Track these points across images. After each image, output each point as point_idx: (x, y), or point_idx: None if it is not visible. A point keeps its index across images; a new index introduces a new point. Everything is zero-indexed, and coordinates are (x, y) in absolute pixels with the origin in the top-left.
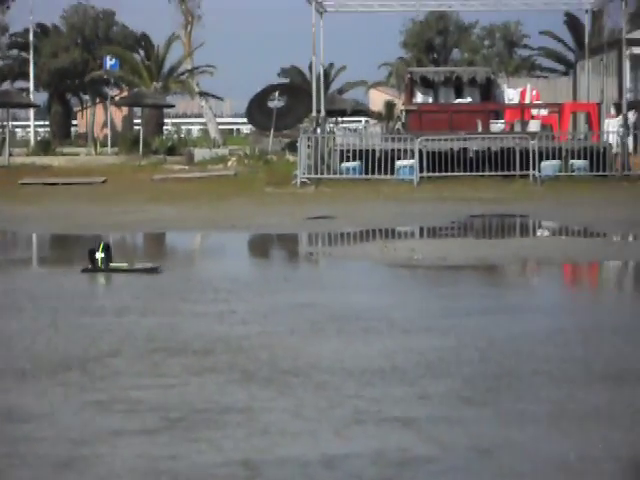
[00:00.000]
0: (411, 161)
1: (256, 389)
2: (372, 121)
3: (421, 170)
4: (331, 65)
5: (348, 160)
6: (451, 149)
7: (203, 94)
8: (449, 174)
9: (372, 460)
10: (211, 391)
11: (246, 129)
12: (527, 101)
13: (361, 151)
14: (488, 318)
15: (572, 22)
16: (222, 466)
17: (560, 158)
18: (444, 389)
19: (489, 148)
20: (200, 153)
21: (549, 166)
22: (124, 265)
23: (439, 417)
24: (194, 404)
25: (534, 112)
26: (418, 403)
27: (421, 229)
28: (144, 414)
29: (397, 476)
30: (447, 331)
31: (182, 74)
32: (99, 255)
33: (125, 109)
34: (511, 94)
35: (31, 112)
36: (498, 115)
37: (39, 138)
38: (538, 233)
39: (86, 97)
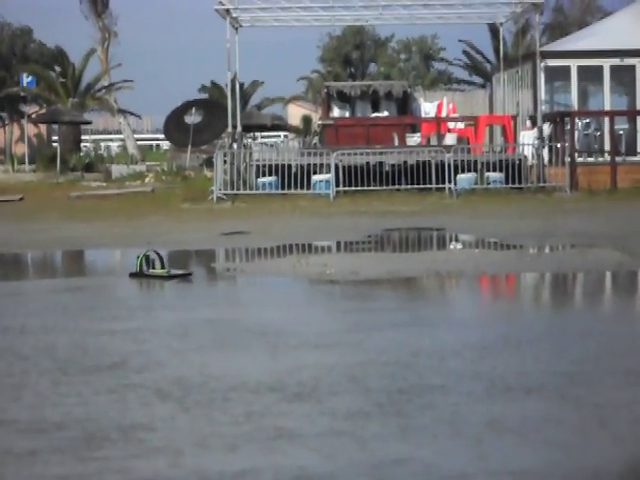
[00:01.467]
0: (327, 175)
1: (159, 407)
2: (291, 135)
3: (337, 184)
4: (253, 83)
5: (264, 175)
6: (367, 163)
7: (121, 111)
8: (365, 188)
9: (269, 477)
10: (114, 409)
11: (166, 145)
12: (443, 114)
13: (277, 166)
14: (397, 332)
15: (490, 35)
16: None
17: (476, 171)
18: (347, 405)
19: (405, 162)
20: (118, 170)
21: (465, 179)
22: (163, 271)
23: (340, 433)
24: (96, 423)
25: (450, 125)
26: (319, 419)
27: (336, 244)
28: (45, 434)
29: None
30: (355, 346)
31: (99, 90)
32: (138, 262)
33: (43, 126)
34: (428, 107)
35: None
36: (415, 129)
37: None
38: (452, 246)
39: (3, 114)
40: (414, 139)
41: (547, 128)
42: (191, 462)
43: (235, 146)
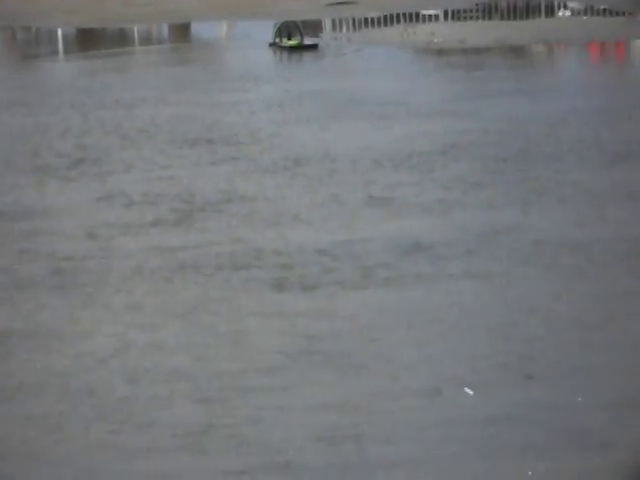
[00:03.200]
0: None
1: (268, 178)
2: None
3: None
4: None
5: None
6: None
7: None
8: None
9: (384, 245)
10: (223, 181)
11: None
12: None
13: None
14: (506, 100)
15: None
16: (233, 255)
17: None
18: (457, 173)
19: None
20: None
21: None
22: (296, 42)
23: (450, 201)
24: (205, 195)
25: None
26: (430, 188)
27: (444, 12)
28: (156, 206)
29: (405, 259)
30: (465, 115)
31: None
32: (274, 32)
33: None
34: None
35: None
36: None
37: None
38: (560, 13)
39: None
40: None
41: None
42: (303, 233)
43: None
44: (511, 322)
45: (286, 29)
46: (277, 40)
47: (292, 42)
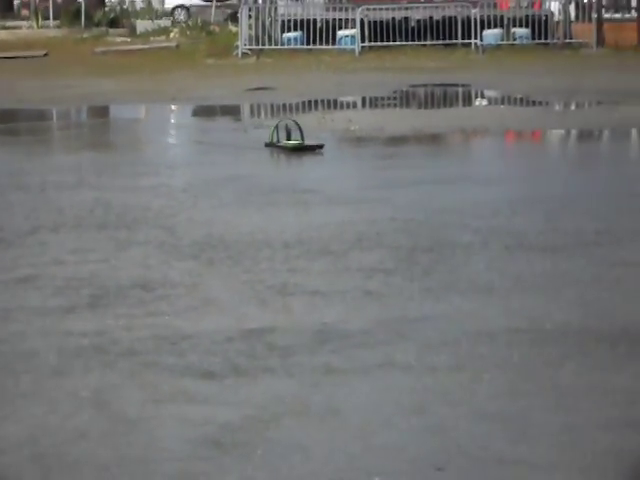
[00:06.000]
0: (353, 31)
1: (182, 264)
2: None
3: (363, 40)
4: None
5: (290, 30)
6: (393, 18)
7: None
8: (391, 44)
9: (293, 333)
10: (137, 266)
11: None
12: None
13: (302, 21)
14: (422, 189)
15: None
16: (145, 340)
17: (502, 26)
18: (371, 262)
19: (431, 17)
20: (143, 25)
21: (491, 35)
22: (296, 143)
23: (362, 290)
24: (119, 280)
25: None
26: (343, 276)
27: (361, 99)
28: (68, 291)
29: (318, 349)
30: (379, 203)
31: None
32: (271, 132)
33: None
34: None
35: None
36: None
37: None
38: (477, 103)
39: None
40: None
41: None
42: (211, 320)
43: (260, 1)
44: (424, 411)
45: (284, 128)
46: (275, 140)
47: (293, 142)
